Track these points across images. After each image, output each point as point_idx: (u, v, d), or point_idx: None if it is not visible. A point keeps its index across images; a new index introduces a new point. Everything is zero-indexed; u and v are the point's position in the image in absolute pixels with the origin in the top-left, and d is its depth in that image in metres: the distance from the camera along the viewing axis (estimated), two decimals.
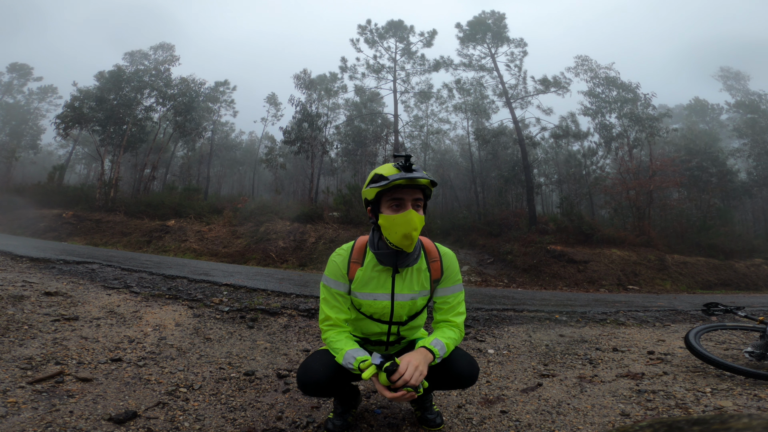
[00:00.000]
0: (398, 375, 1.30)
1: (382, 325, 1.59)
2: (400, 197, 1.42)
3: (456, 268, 1.64)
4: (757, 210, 25.86)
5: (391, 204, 1.43)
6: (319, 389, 1.47)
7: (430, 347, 1.44)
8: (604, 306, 6.09)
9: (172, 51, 25.02)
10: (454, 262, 1.64)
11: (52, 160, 33.67)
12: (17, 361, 1.99)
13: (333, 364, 1.50)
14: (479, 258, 14.74)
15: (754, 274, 14.86)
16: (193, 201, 19.56)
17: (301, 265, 13.02)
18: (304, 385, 1.47)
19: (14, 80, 32.55)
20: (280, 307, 3.75)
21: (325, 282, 1.58)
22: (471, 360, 1.60)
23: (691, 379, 2.36)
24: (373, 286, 1.54)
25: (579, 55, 21.90)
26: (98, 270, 4.84)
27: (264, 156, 26.61)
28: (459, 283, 1.64)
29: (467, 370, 1.55)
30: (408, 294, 1.55)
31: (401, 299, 1.54)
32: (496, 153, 22.93)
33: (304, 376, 1.47)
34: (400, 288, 1.54)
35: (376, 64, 23.39)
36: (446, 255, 1.63)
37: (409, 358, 1.36)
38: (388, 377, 1.31)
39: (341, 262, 1.57)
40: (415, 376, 1.30)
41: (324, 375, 1.46)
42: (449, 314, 1.60)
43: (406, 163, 1.40)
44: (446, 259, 1.62)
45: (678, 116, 32.50)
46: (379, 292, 1.54)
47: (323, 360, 1.52)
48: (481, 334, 3.56)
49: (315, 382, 1.45)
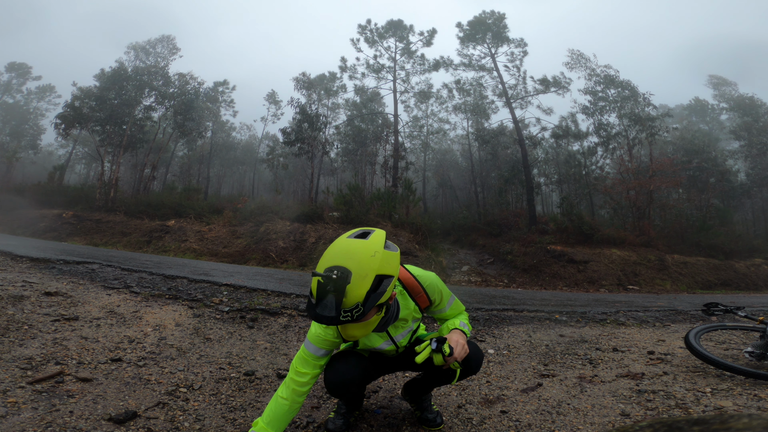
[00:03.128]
0: (452, 358, 1.38)
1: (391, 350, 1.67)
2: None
3: (441, 288, 1.61)
4: (757, 210, 25.85)
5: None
6: (351, 388, 1.50)
7: (460, 328, 1.53)
8: (604, 306, 6.09)
9: (174, 42, 24.98)
10: (437, 283, 1.60)
11: (52, 160, 33.66)
12: (17, 361, 1.99)
13: (361, 364, 1.55)
14: (479, 258, 14.74)
15: (754, 274, 14.86)
16: (193, 201, 19.56)
17: (301, 265, 13.01)
18: (336, 385, 1.47)
19: (13, 80, 32.53)
20: (280, 307, 3.75)
21: (306, 346, 1.50)
22: (477, 346, 1.65)
23: (691, 379, 2.36)
24: (374, 341, 1.58)
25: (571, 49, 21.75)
26: (98, 270, 4.84)
27: (265, 156, 26.62)
28: (450, 296, 1.66)
29: (474, 357, 1.59)
30: (405, 331, 1.62)
31: (401, 338, 1.62)
32: (496, 153, 22.93)
33: (334, 375, 1.48)
34: (395, 332, 1.59)
35: (376, 64, 23.39)
36: (427, 282, 1.57)
37: (456, 337, 1.45)
38: (443, 357, 1.40)
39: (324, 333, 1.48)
40: (463, 354, 1.42)
41: (356, 374, 1.50)
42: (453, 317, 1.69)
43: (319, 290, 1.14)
44: (429, 287, 1.57)
45: (678, 116, 32.53)
46: (381, 343, 1.59)
47: (352, 360, 1.56)
48: (481, 334, 3.56)
49: (349, 381, 1.48)
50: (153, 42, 24.91)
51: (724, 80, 28.57)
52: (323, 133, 22.05)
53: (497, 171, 22.58)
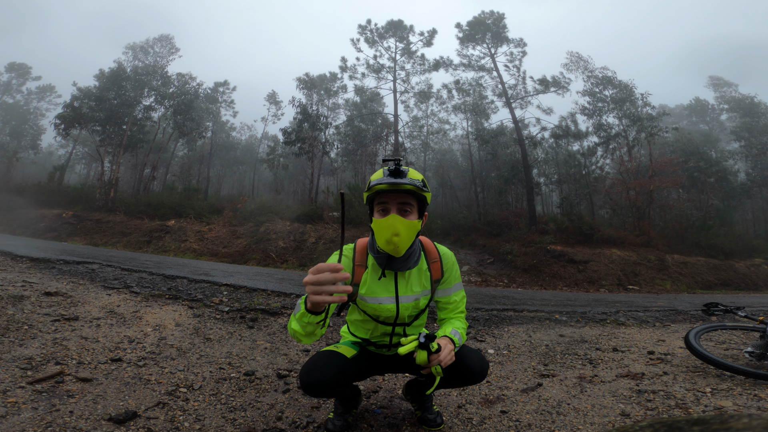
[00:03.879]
0: (437, 358, 1.33)
1: (386, 327, 1.60)
2: (385, 201, 1.42)
3: (456, 268, 1.66)
4: (756, 210, 25.85)
5: (379, 208, 1.43)
6: (324, 389, 1.46)
7: (450, 336, 1.47)
8: (604, 306, 6.09)
9: (173, 42, 24.94)
10: (454, 262, 1.66)
11: (52, 160, 33.70)
12: (17, 361, 1.99)
13: (337, 364, 1.50)
14: (479, 258, 14.73)
15: (754, 274, 14.86)
16: (193, 201, 19.57)
17: (301, 265, 13.02)
18: (308, 386, 1.45)
19: (13, 80, 32.56)
20: (280, 307, 3.75)
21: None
22: (480, 356, 1.60)
23: (691, 379, 2.36)
24: (378, 290, 1.55)
25: (570, 52, 21.93)
26: (98, 270, 4.84)
27: (265, 156, 26.61)
28: (459, 281, 1.67)
29: (478, 366, 1.55)
30: (411, 296, 1.56)
31: (405, 301, 1.56)
32: (496, 153, 22.94)
33: (307, 377, 1.45)
34: (403, 290, 1.55)
35: (376, 64, 23.40)
36: (446, 255, 1.64)
37: (445, 341, 1.40)
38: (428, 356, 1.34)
39: (346, 265, 1.56)
40: (448, 360, 1.36)
41: (328, 375, 1.45)
42: (453, 312, 1.64)
43: (393, 167, 1.39)
44: (446, 260, 1.63)
45: (678, 116, 32.54)
46: (384, 296, 1.55)
47: (327, 360, 1.52)
48: (481, 334, 3.56)
49: (320, 382, 1.44)
50: (151, 42, 24.88)
51: (725, 81, 28.64)
52: (324, 133, 22.05)
53: (497, 171, 22.58)
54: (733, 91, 28.07)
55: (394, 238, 1.40)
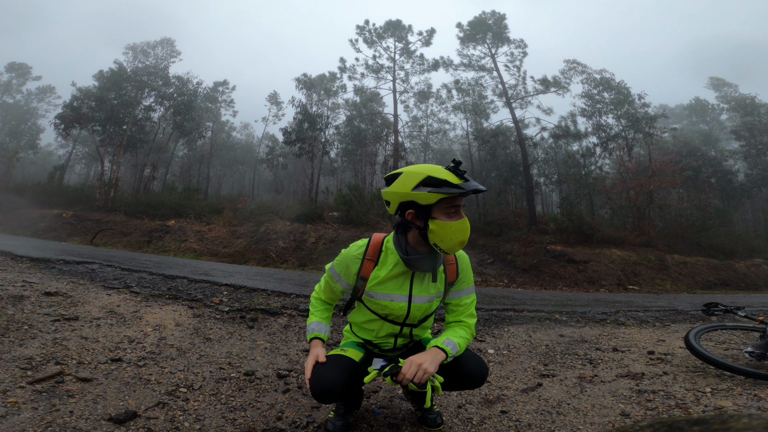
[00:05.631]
0: (401, 376, 1.32)
1: (393, 327, 1.60)
2: (458, 204, 1.42)
3: (470, 271, 1.65)
4: (756, 210, 25.85)
5: (448, 210, 1.41)
6: (335, 396, 1.45)
7: (441, 346, 1.45)
8: (604, 306, 6.09)
9: (173, 45, 24.94)
10: (469, 264, 1.65)
11: (52, 160, 33.69)
12: (17, 361, 1.99)
13: (345, 370, 1.49)
14: (479, 258, 14.73)
15: (754, 274, 14.86)
16: (193, 201, 19.57)
17: (301, 265, 13.02)
18: (320, 393, 1.43)
19: (13, 80, 32.54)
20: (280, 307, 3.75)
21: (331, 271, 1.65)
22: (481, 361, 1.58)
23: (691, 379, 2.36)
24: (391, 287, 1.53)
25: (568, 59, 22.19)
26: (98, 270, 4.84)
27: (265, 156, 26.60)
28: (472, 285, 1.65)
29: (478, 371, 1.53)
30: (425, 296, 1.55)
31: (418, 302, 1.55)
32: (496, 153, 22.94)
33: (318, 385, 1.44)
34: (417, 290, 1.54)
35: (375, 64, 23.39)
36: (461, 257, 1.63)
37: (413, 357, 1.37)
38: (392, 379, 1.34)
39: (353, 261, 1.56)
40: (418, 375, 1.32)
41: (340, 381, 1.44)
42: (462, 315, 1.61)
43: (459, 168, 1.39)
44: (462, 262, 1.62)
45: (679, 116, 32.55)
46: (396, 293, 1.53)
47: (337, 365, 1.50)
48: (481, 334, 3.56)
49: (330, 391, 1.43)
50: (152, 44, 24.89)
51: (725, 82, 28.67)
52: (323, 133, 22.06)
53: (497, 171, 22.58)
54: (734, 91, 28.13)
55: (465, 234, 1.43)
